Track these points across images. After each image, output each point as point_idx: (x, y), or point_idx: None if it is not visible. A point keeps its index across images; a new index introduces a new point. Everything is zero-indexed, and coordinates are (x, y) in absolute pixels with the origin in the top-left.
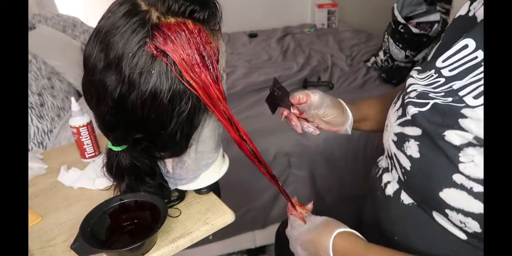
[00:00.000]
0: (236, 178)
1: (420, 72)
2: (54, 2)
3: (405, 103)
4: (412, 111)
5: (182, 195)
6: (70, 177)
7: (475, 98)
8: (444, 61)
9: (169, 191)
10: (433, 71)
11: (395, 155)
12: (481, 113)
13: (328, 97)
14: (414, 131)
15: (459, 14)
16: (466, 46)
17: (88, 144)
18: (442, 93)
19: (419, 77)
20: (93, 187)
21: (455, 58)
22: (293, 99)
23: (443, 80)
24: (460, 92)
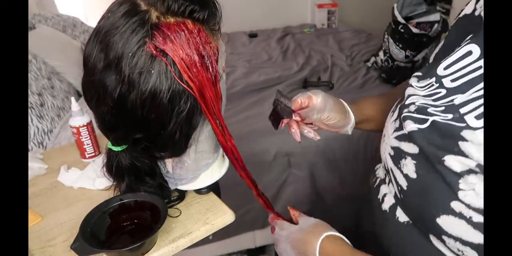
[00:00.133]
0: (236, 178)
1: (420, 79)
2: (54, 2)
3: (402, 117)
4: (410, 127)
5: (182, 195)
6: (70, 177)
7: (477, 118)
8: (446, 68)
9: (169, 191)
10: (434, 79)
11: (392, 170)
12: (482, 136)
13: (331, 98)
14: (411, 148)
15: (464, 13)
16: (470, 53)
17: (88, 144)
18: (442, 107)
19: (418, 85)
20: (93, 187)
21: (457, 65)
22: (294, 103)
23: (444, 91)
24: (461, 108)
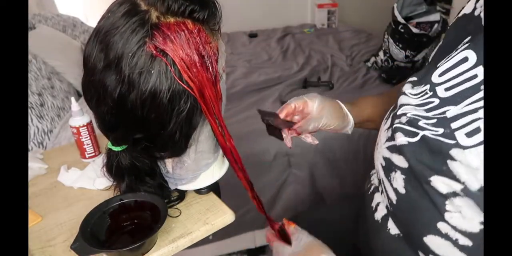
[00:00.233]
0: (236, 178)
1: (415, 85)
2: (54, 2)
3: (393, 128)
4: (400, 140)
5: (182, 195)
6: (70, 177)
7: (468, 136)
8: (441, 75)
9: (169, 191)
10: (428, 87)
11: (383, 181)
12: (471, 158)
13: (328, 102)
14: (401, 161)
15: (464, 13)
16: (465, 59)
17: (88, 144)
18: (434, 119)
19: (412, 93)
20: (93, 187)
21: (453, 72)
22: (287, 108)
23: (437, 101)
24: (452, 123)
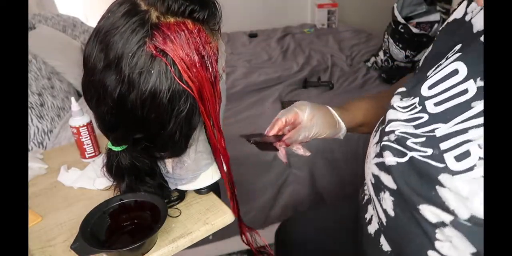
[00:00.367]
0: (236, 178)
1: (404, 97)
2: (54, 2)
3: (382, 146)
4: (388, 160)
5: (182, 195)
6: (70, 177)
7: (457, 159)
8: (430, 88)
9: (169, 191)
10: (417, 100)
11: (373, 199)
12: (460, 186)
13: (318, 110)
14: (390, 182)
15: (454, 18)
16: (456, 72)
17: (88, 144)
18: (423, 138)
19: (400, 105)
20: (93, 187)
21: (442, 86)
22: (277, 123)
23: (426, 117)
24: (442, 143)
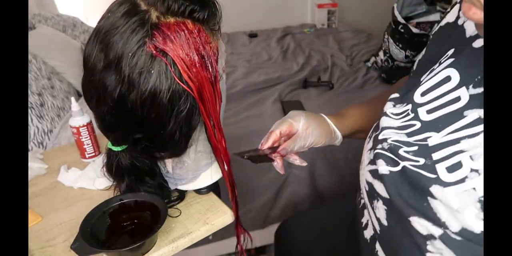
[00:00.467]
0: (236, 178)
1: (397, 103)
2: (54, 2)
3: (375, 154)
4: (381, 169)
5: (182, 195)
6: (70, 177)
7: (449, 171)
8: (423, 94)
9: (169, 191)
10: (410, 107)
11: (368, 207)
12: (451, 198)
13: (313, 120)
14: (382, 190)
15: (447, 21)
16: (448, 79)
17: (88, 144)
18: (415, 146)
19: (393, 112)
20: (93, 187)
21: (435, 93)
22: (272, 136)
23: (418, 125)
24: (434, 153)
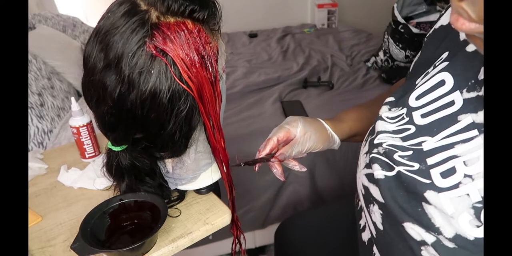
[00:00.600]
0: (236, 178)
1: (392, 107)
2: (54, 2)
3: (371, 158)
4: (377, 173)
5: (182, 195)
6: (70, 177)
7: (443, 176)
8: (418, 98)
9: (169, 191)
10: (405, 111)
11: (364, 210)
12: (446, 204)
13: (310, 125)
14: (378, 195)
15: (441, 24)
16: (442, 83)
17: (88, 144)
18: (410, 151)
19: (389, 116)
20: (93, 187)
21: (429, 97)
22: (270, 143)
23: (413, 129)
24: (428, 158)
